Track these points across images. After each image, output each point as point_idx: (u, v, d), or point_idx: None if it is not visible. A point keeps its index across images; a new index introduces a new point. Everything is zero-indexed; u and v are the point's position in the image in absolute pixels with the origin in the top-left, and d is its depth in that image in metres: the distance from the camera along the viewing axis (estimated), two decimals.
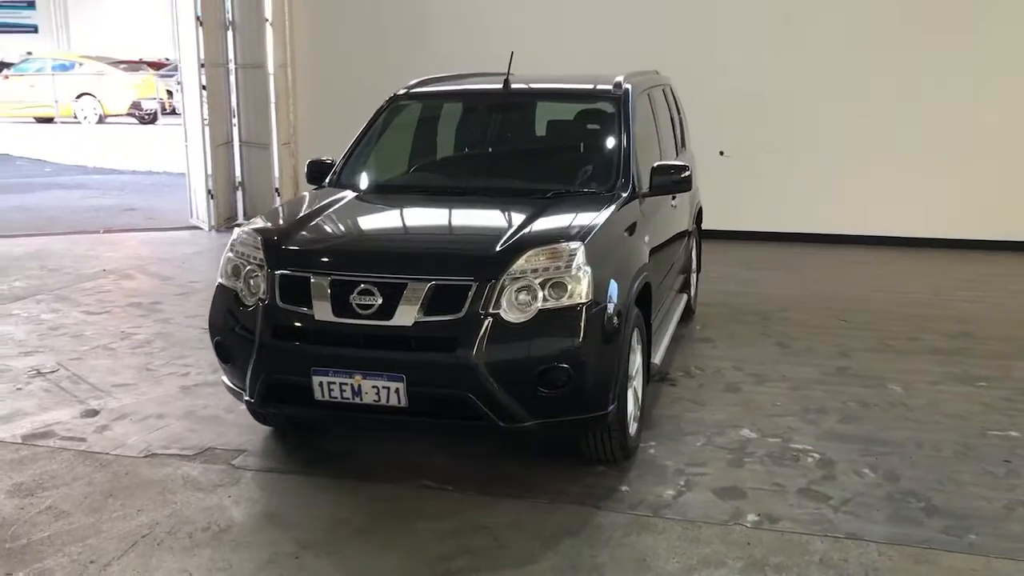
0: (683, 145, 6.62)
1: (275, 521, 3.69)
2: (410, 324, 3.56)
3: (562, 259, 3.67)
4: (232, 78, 10.89)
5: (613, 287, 3.82)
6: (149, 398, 5.07)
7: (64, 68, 22.10)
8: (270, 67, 10.67)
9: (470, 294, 3.55)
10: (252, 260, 3.90)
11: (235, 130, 11.05)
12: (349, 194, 4.60)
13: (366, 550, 3.48)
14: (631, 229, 4.34)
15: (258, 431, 4.57)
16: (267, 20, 10.54)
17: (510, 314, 3.56)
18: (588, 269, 3.68)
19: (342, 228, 4.16)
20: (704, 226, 7.03)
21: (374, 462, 4.30)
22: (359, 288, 3.61)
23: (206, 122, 10.45)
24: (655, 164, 4.68)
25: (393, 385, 3.55)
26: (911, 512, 3.75)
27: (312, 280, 3.70)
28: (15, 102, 21.45)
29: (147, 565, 3.35)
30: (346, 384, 3.59)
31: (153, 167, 16.59)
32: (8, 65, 23.92)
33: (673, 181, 4.67)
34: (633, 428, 4.25)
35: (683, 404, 5.00)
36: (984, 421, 4.75)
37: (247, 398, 3.90)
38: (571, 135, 5.23)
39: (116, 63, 22.29)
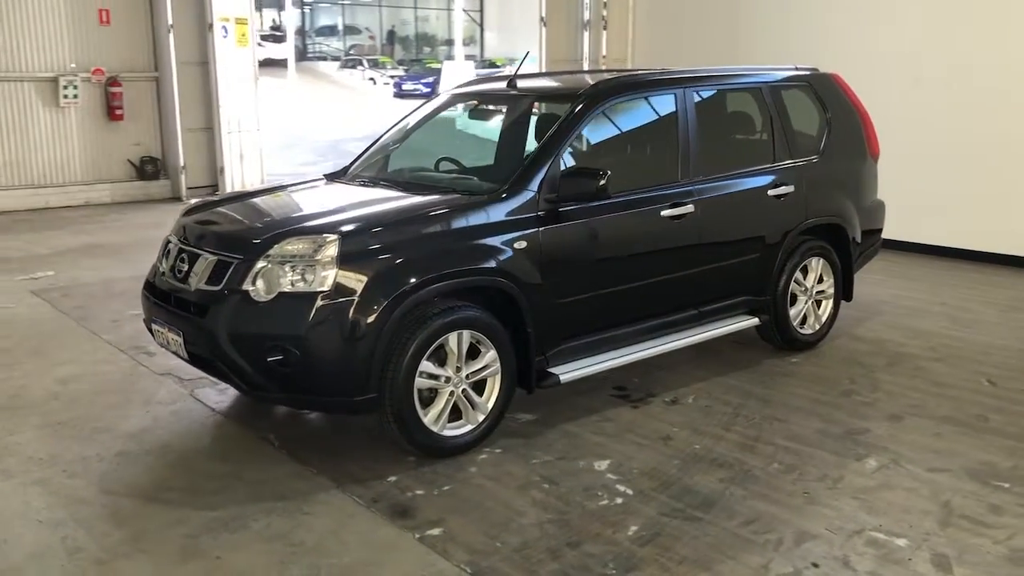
0: (820, 152, 5.81)
1: (133, 434, 4.61)
2: (192, 290, 4.20)
3: (313, 249, 3.97)
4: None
5: (386, 283, 3.96)
6: None
7: None
8: (601, 62, 11.29)
9: (231, 270, 4.06)
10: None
11: None
12: (298, 181, 5.27)
13: (138, 468, 4.24)
14: (481, 232, 4.30)
15: None
16: (600, 18, 11.15)
17: (256, 293, 3.98)
18: (337, 262, 3.92)
19: (223, 208, 4.82)
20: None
21: (271, 414, 4.94)
22: (181, 256, 4.36)
23: None
24: (564, 169, 4.51)
25: (179, 340, 4.24)
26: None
27: (169, 245, 4.53)
28: None
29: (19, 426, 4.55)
30: (163, 333, 4.38)
31: None
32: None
33: (581, 188, 4.46)
34: (460, 428, 4.30)
35: (600, 425, 4.72)
36: (896, 521, 3.71)
37: None
38: (520, 137, 5.13)
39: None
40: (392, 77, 37.76)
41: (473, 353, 4.31)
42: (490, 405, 4.39)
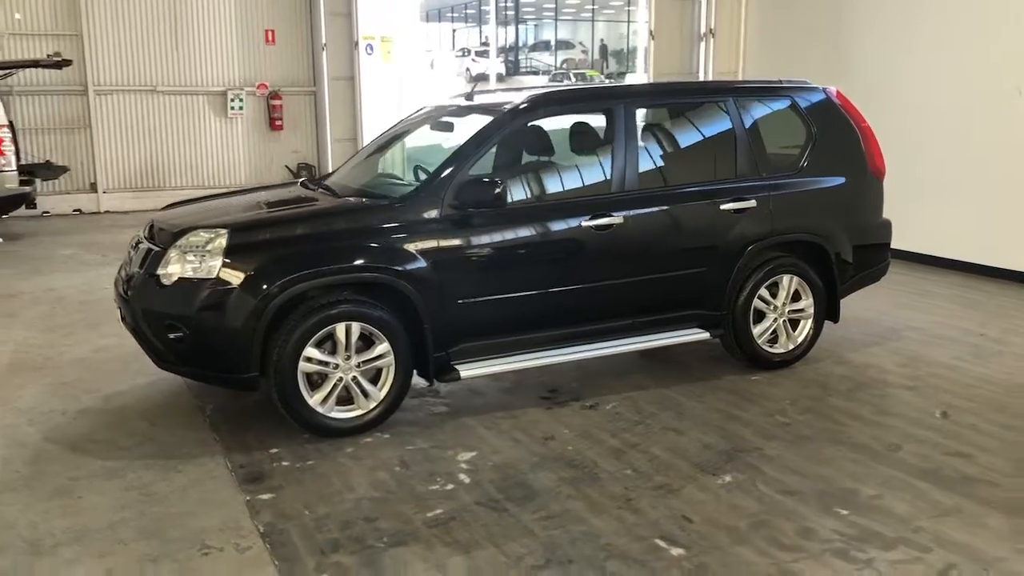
0: (799, 168, 5.69)
1: (105, 396, 5.36)
2: (133, 273, 4.86)
3: (207, 240, 4.51)
4: None
5: (265, 274, 4.42)
6: None
7: None
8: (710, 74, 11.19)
9: (151, 257, 4.69)
10: None
11: None
12: (273, 184, 5.82)
13: (87, 423, 4.94)
14: (375, 233, 4.66)
15: None
16: (708, 32, 11.06)
17: (165, 277, 4.57)
18: (224, 253, 4.44)
19: (188, 206, 5.46)
20: None
21: (227, 391, 5.52)
22: (135, 244, 5.05)
23: None
24: (464, 180, 4.79)
25: (119, 315, 4.92)
26: None
27: (136, 236, 5.25)
28: None
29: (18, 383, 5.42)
30: (117, 311, 5.09)
31: None
32: None
33: (479, 196, 4.74)
34: (349, 412, 4.69)
35: (499, 421, 4.94)
36: (691, 533, 3.71)
37: None
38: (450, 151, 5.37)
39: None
40: None
41: (371, 344, 4.69)
42: (383, 394, 4.74)
